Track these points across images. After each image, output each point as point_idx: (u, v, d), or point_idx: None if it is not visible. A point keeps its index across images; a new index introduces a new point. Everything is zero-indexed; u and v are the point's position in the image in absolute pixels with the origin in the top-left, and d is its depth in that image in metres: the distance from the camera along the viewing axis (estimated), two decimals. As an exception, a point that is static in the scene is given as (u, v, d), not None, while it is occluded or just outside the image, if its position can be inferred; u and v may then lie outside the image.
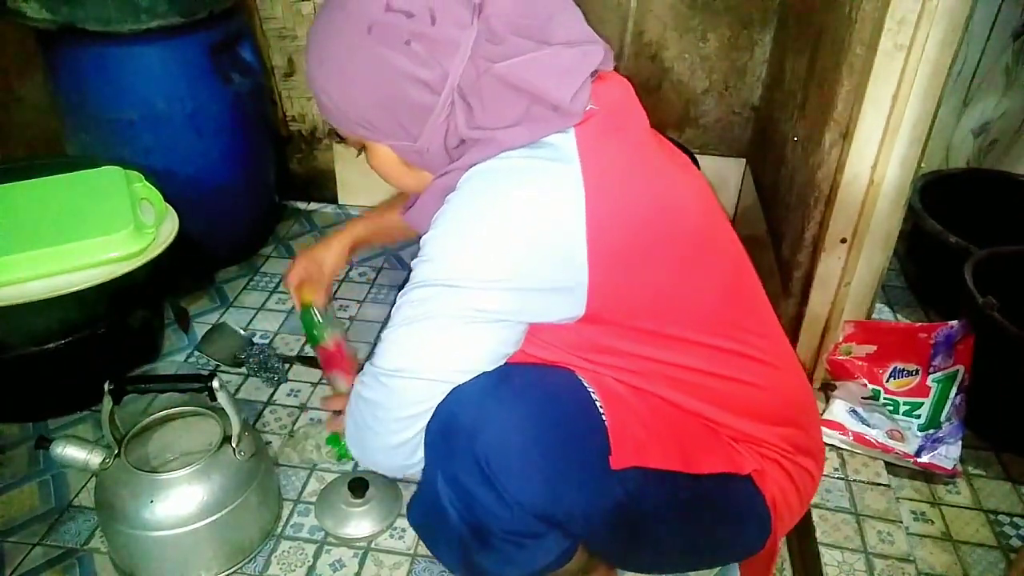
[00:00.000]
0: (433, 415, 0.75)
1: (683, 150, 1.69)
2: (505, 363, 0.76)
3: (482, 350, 0.73)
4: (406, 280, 0.74)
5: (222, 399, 0.99)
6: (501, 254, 0.69)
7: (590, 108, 0.72)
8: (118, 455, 1.01)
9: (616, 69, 0.78)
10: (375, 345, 0.80)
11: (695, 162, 1.65)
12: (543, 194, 0.69)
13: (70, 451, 0.98)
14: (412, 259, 0.74)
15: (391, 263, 1.75)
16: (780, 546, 1.15)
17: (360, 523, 1.12)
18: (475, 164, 0.71)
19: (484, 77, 0.69)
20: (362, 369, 0.80)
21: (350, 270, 1.71)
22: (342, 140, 0.80)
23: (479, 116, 0.71)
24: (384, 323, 1.48)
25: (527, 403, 0.74)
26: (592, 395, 0.76)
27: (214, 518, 1.00)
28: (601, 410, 0.75)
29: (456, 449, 0.74)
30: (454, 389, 0.74)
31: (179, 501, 0.99)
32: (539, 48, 0.70)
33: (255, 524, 1.08)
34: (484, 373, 0.74)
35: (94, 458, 0.99)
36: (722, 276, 0.80)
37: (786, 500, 0.85)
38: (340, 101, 0.74)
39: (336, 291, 1.64)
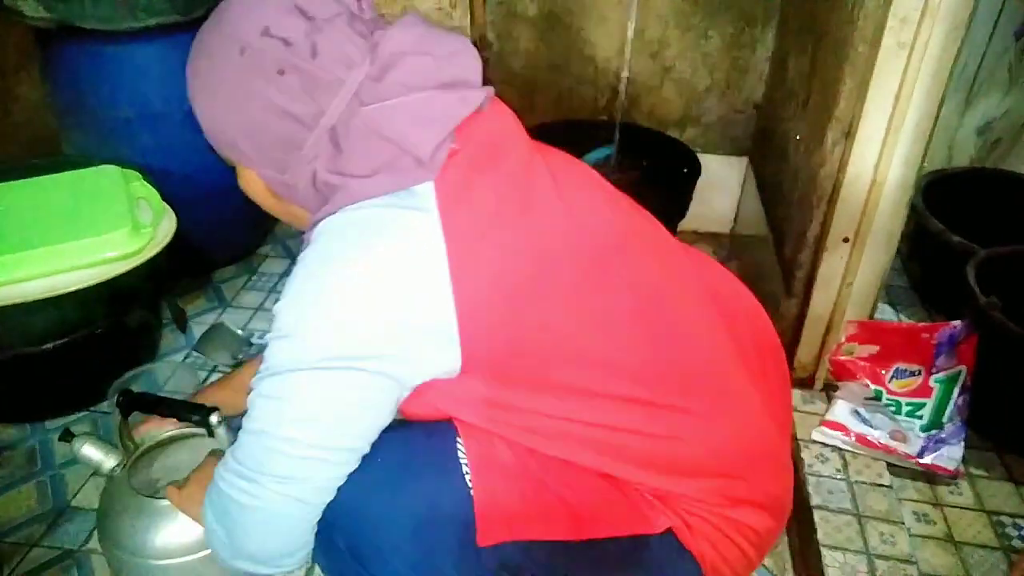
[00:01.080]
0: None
1: (684, 151, 1.68)
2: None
3: (372, 432, 0.70)
4: None
5: (219, 438, 0.96)
6: (361, 323, 0.64)
7: (452, 148, 0.68)
8: (129, 465, 0.98)
9: (617, 70, 0.75)
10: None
11: (696, 163, 1.65)
12: (399, 249, 0.65)
13: (87, 450, 0.97)
14: None
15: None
16: (780, 549, 1.15)
17: None
18: (331, 213, 0.67)
19: (353, 120, 0.66)
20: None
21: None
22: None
23: (343, 160, 0.67)
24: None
25: (387, 487, 0.70)
26: (463, 468, 0.72)
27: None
28: (469, 485, 0.71)
29: (324, 539, 0.72)
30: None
31: (178, 529, 0.94)
32: (409, 93, 0.66)
33: None
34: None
35: (109, 461, 0.97)
36: (629, 312, 0.73)
37: (722, 555, 0.78)
38: (208, 118, 0.71)
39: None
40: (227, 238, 1.67)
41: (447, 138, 0.67)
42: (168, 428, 1.01)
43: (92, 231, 1.18)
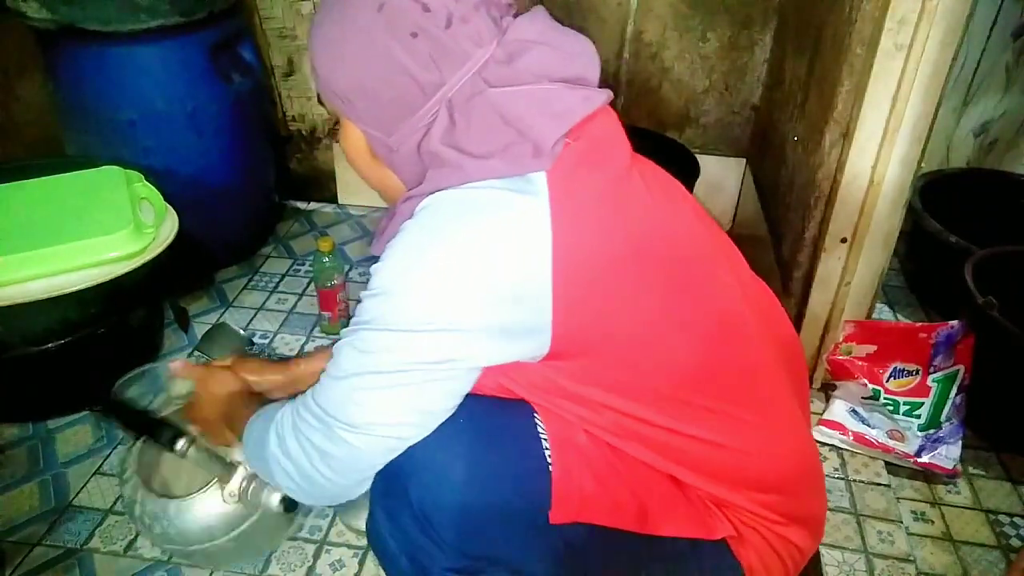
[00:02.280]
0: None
1: (683, 152, 1.69)
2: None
3: (448, 400, 0.71)
4: None
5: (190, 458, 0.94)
6: (459, 292, 0.65)
7: (566, 141, 0.68)
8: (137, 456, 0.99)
9: (616, 71, 0.76)
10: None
11: (695, 164, 1.65)
12: (507, 228, 0.65)
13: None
14: None
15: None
16: None
17: None
18: (438, 190, 0.68)
19: (477, 98, 0.66)
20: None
21: (350, 270, 1.71)
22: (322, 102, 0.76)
23: (458, 136, 0.67)
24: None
25: (466, 449, 0.71)
26: (543, 444, 0.73)
27: (221, 540, 0.98)
28: (549, 460, 0.72)
29: (394, 489, 0.73)
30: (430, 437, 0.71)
31: (192, 522, 0.97)
32: (540, 81, 0.67)
33: (265, 540, 1.07)
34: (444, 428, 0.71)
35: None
36: (708, 324, 0.74)
37: (767, 569, 0.80)
38: (327, 68, 0.70)
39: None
40: (229, 238, 1.67)
41: (567, 132, 0.68)
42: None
43: (95, 231, 1.18)
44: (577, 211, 0.67)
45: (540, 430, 0.73)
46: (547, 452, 0.72)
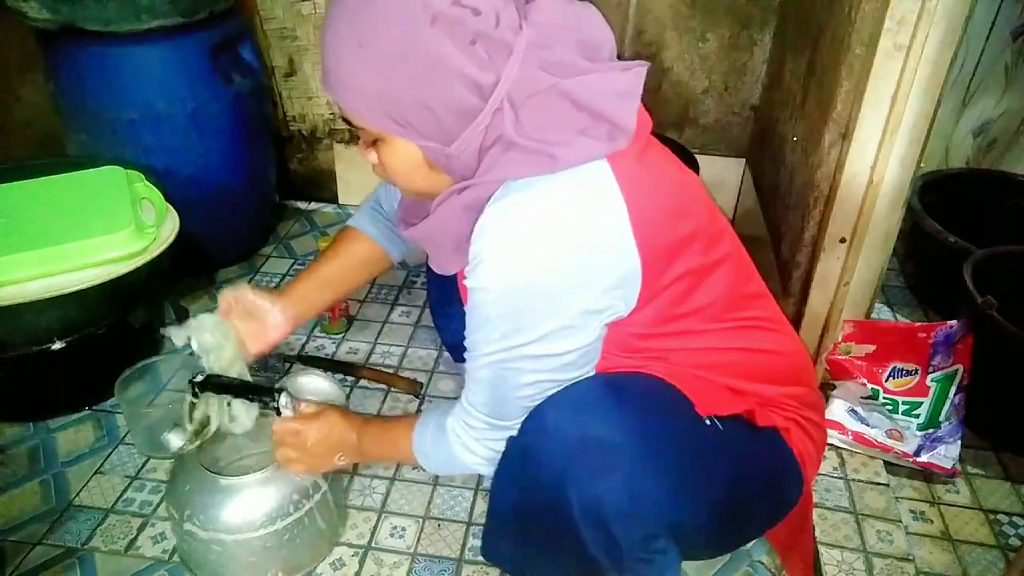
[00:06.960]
0: (550, 441, 0.76)
1: (683, 151, 1.69)
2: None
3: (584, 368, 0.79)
4: (405, 281, 0.75)
5: (285, 416, 0.97)
6: (573, 293, 0.71)
7: None
8: (198, 445, 1.00)
9: None
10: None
11: (695, 164, 1.65)
12: (591, 223, 0.70)
13: (172, 437, 0.99)
14: (413, 263, 0.75)
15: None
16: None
17: None
18: (504, 178, 0.70)
19: (542, 89, 0.68)
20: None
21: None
22: (349, 127, 0.75)
23: (530, 127, 0.68)
24: (385, 322, 1.47)
25: (646, 422, 0.76)
26: (662, 379, 0.80)
27: (275, 527, 0.98)
28: (664, 377, 0.80)
29: (595, 473, 0.73)
30: (577, 409, 0.76)
31: (244, 505, 0.97)
32: (592, 63, 0.71)
33: (318, 536, 1.06)
34: (585, 392, 0.77)
35: (176, 440, 0.99)
36: (729, 257, 0.83)
37: (807, 451, 0.89)
38: (376, 91, 0.67)
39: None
40: (230, 238, 1.67)
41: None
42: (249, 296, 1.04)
43: (96, 231, 1.19)
44: (634, 177, 0.72)
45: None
46: (668, 381, 0.79)
